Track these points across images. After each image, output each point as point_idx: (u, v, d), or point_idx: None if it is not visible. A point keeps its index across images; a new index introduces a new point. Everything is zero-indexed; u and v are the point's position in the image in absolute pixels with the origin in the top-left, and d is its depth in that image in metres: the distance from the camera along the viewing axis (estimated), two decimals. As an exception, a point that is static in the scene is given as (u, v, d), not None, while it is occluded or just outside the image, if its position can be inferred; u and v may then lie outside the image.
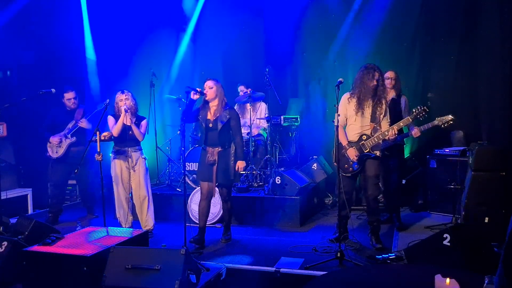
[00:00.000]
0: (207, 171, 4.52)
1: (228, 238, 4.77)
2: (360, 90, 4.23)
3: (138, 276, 3.08)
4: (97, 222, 5.67)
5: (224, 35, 7.22)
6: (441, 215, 5.41)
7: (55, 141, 5.53)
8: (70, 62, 6.83)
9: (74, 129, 5.57)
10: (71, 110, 5.66)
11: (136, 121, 4.88)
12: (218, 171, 4.51)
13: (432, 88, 6.21)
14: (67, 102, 5.62)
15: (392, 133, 4.19)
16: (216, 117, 4.50)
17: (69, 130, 5.57)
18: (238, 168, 4.55)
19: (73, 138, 5.57)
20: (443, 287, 2.24)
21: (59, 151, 5.55)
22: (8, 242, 3.63)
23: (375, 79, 4.19)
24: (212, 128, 4.50)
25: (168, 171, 6.46)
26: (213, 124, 4.49)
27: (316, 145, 6.53)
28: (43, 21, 6.63)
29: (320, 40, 6.84)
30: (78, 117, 5.63)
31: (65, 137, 5.56)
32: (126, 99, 4.82)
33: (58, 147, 5.55)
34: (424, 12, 6.19)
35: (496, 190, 4.29)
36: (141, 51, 7.33)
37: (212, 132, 4.50)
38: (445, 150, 5.49)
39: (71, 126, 5.60)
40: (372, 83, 4.19)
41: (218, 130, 4.47)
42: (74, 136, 5.57)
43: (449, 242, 3.40)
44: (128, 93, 4.88)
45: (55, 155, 5.56)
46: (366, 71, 4.23)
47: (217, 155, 4.48)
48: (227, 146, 4.53)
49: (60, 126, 5.61)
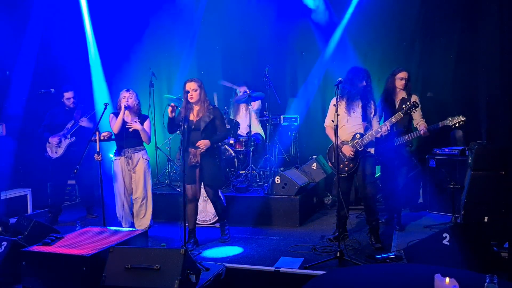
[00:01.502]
0: (189, 174, 4.40)
1: (226, 239, 4.70)
2: (349, 91, 4.33)
3: (137, 276, 3.08)
4: (96, 222, 5.67)
5: (224, 34, 7.22)
6: (441, 214, 5.41)
7: (54, 141, 5.54)
8: (69, 62, 6.81)
9: (73, 129, 5.58)
10: (70, 109, 5.67)
11: (139, 120, 4.87)
12: (202, 173, 4.45)
13: (432, 87, 6.21)
14: (67, 101, 5.63)
15: (385, 129, 4.28)
16: (199, 117, 4.43)
17: (68, 130, 5.57)
18: (200, 143, 4.34)
19: (73, 138, 5.57)
20: (442, 286, 2.24)
21: (58, 151, 5.55)
22: (7, 242, 3.63)
23: (364, 80, 4.32)
24: (195, 128, 4.40)
25: (168, 171, 6.46)
26: (196, 124, 4.41)
27: (315, 144, 6.53)
28: (42, 19, 6.61)
29: (319, 40, 6.84)
30: (77, 117, 5.63)
31: (64, 137, 5.56)
32: (129, 97, 4.83)
33: (57, 147, 5.56)
34: (423, 11, 6.19)
35: (496, 189, 4.29)
36: (140, 51, 7.32)
37: (194, 132, 4.39)
38: (444, 150, 5.49)
39: (70, 126, 5.60)
40: (362, 84, 4.32)
41: (200, 131, 4.38)
42: (74, 136, 5.58)
43: (448, 241, 3.41)
44: (133, 92, 4.90)
45: (54, 155, 5.56)
46: (355, 72, 4.37)
47: (199, 157, 4.39)
48: (211, 147, 4.43)
49: (59, 126, 5.61)
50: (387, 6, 6.32)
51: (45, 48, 6.64)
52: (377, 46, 6.42)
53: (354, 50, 6.56)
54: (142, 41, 7.32)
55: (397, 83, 4.82)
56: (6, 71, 6.38)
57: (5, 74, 6.38)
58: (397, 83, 4.82)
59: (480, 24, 5.69)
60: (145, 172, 4.88)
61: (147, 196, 4.91)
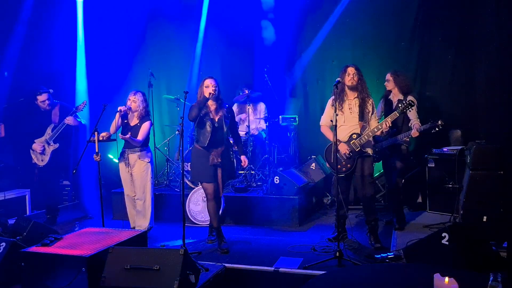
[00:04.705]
0: (211, 173, 4.41)
1: (226, 248, 4.40)
2: (341, 90, 4.33)
3: (137, 276, 3.08)
4: (95, 222, 5.66)
5: (223, 34, 7.21)
6: (440, 214, 5.41)
7: (38, 148, 5.46)
8: (69, 62, 6.81)
9: (57, 133, 5.46)
10: (46, 111, 5.55)
11: (139, 123, 4.88)
12: (223, 171, 4.49)
13: (430, 87, 6.22)
14: (41, 105, 5.50)
15: (385, 125, 4.24)
16: (219, 116, 4.45)
17: (51, 136, 5.47)
18: (245, 163, 4.63)
19: (56, 145, 5.49)
20: (442, 286, 2.24)
21: (44, 159, 5.49)
22: (6, 243, 3.62)
23: (346, 73, 4.29)
24: (218, 128, 4.42)
25: (167, 171, 6.46)
26: (219, 123, 4.43)
27: (314, 144, 6.53)
28: (38, 20, 6.60)
29: (318, 40, 6.84)
30: (55, 118, 5.52)
31: (48, 143, 5.48)
32: (133, 101, 4.83)
33: (42, 155, 5.49)
34: (421, 12, 6.20)
35: (494, 188, 4.30)
36: (139, 51, 7.32)
37: (218, 132, 4.41)
38: (443, 149, 5.50)
39: (50, 130, 5.49)
40: (347, 79, 4.29)
41: (224, 130, 4.43)
42: (57, 142, 5.49)
43: (447, 241, 3.41)
44: (140, 96, 4.89)
45: (41, 163, 5.51)
46: (342, 70, 4.37)
47: (220, 156, 4.43)
48: (227, 144, 4.54)
49: (39, 130, 5.52)
50: (386, 6, 6.33)
51: (44, 48, 6.62)
52: (376, 46, 6.42)
53: (353, 50, 6.57)
54: (141, 42, 7.32)
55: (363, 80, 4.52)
56: (5, 72, 6.37)
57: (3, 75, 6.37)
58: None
59: (479, 24, 5.69)
60: (144, 173, 4.87)
61: (146, 198, 4.91)
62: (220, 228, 4.55)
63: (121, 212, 5.48)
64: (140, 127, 4.85)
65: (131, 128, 4.87)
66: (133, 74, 7.24)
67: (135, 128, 4.86)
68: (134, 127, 4.87)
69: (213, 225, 4.60)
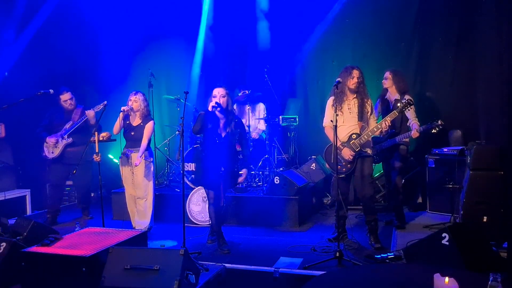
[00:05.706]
0: (216, 180, 4.39)
1: (227, 249, 4.41)
2: (341, 91, 4.31)
3: (137, 277, 3.08)
4: (95, 222, 5.66)
5: (223, 34, 7.21)
6: (440, 214, 5.41)
7: (51, 141, 5.50)
8: (69, 62, 6.81)
9: (72, 129, 5.51)
10: (69, 110, 5.64)
11: (141, 123, 4.88)
12: (226, 179, 4.44)
13: (430, 87, 6.22)
14: (64, 104, 5.58)
15: (385, 124, 4.26)
16: (226, 133, 4.36)
17: (66, 131, 5.52)
18: (242, 178, 4.54)
19: (70, 139, 5.52)
20: (442, 286, 2.24)
21: (55, 152, 5.52)
22: (6, 243, 3.62)
23: (354, 77, 4.28)
24: (224, 142, 4.35)
25: (167, 172, 6.46)
26: (225, 140, 4.36)
27: (314, 145, 6.53)
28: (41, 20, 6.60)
29: (318, 40, 6.84)
30: (76, 117, 5.58)
31: (62, 137, 5.52)
32: (134, 101, 4.84)
33: (54, 148, 5.52)
34: (421, 12, 6.20)
35: (494, 189, 4.29)
36: (139, 51, 7.32)
37: (223, 146, 4.34)
38: (443, 150, 5.50)
39: (68, 126, 5.56)
40: (351, 82, 4.29)
41: (230, 141, 4.36)
42: (71, 137, 5.53)
43: (447, 241, 3.41)
44: (140, 96, 4.89)
45: (51, 156, 5.53)
46: (345, 71, 4.34)
47: (224, 165, 4.38)
48: (233, 152, 4.47)
49: (58, 126, 5.58)
50: (386, 6, 6.33)
51: (44, 48, 6.63)
52: (375, 47, 6.42)
53: (353, 50, 6.57)
54: (141, 42, 7.31)
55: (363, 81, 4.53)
56: (5, 72, 6.37)
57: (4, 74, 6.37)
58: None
59: (478, 24, 5.69)
60: (144, 172, 4.87)
61: (148, 197, 4.92)
62: (220, 230, 4.54)
63: (121, 212, 5.48)
64: (144, 127, 4.85)
65: (134, 128, 4.88)
66: (133, 74, 7.24)
67: (138, 128, 4.87)
68: (138, 127, 4.87)
69: (213, 227, 4.60)
